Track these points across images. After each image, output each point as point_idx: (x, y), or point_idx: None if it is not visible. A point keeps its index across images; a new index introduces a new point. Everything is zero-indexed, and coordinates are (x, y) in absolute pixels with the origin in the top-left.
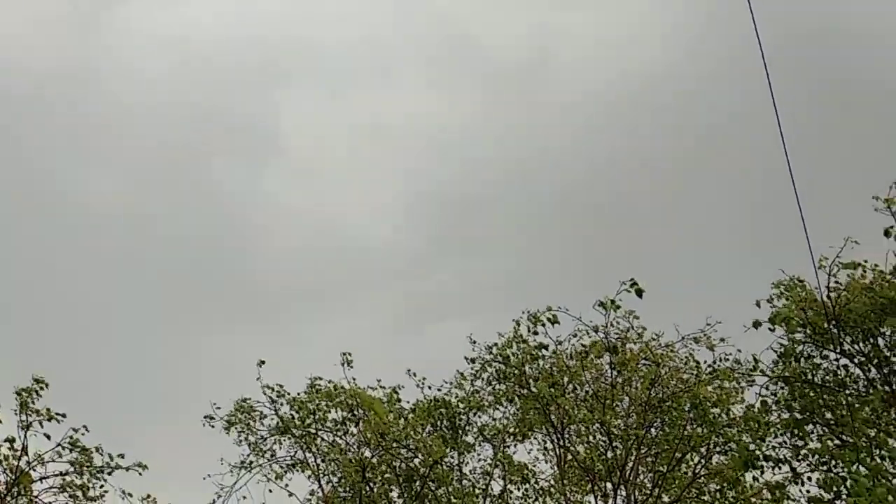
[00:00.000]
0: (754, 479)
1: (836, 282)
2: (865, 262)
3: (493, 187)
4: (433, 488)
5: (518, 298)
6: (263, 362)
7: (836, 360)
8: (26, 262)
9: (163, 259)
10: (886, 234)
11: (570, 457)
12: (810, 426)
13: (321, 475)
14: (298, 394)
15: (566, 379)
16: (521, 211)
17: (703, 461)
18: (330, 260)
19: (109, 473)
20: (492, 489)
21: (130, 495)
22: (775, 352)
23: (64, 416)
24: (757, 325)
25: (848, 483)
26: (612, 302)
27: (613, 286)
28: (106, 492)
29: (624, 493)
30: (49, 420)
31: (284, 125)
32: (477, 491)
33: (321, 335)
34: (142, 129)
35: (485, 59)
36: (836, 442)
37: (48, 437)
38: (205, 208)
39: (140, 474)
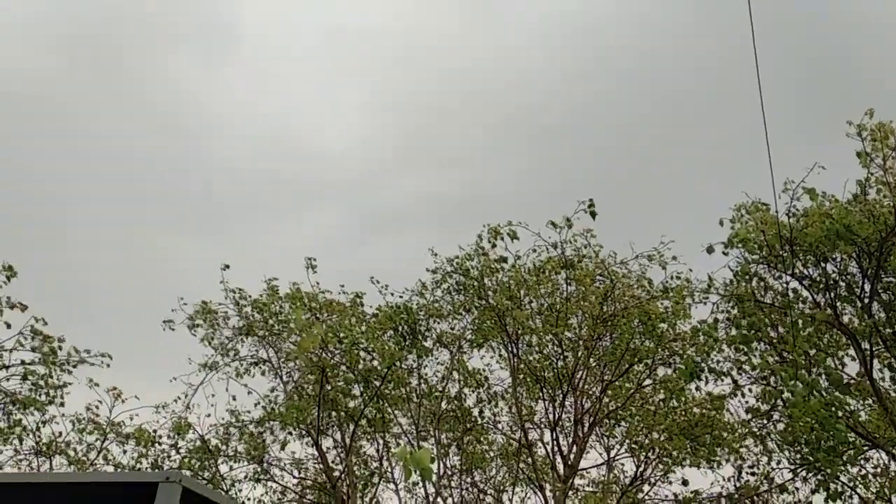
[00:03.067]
0: (697, 388)
1: (796, 208)
2: (824, 193)
3: (460, 100)
4: (391, 388)
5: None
6: (228, 266)
7: (787, 282)
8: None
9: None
10: (858, 155)
11: (522, 365)
12: (755, 343)
13: (284, 374)
14: (260, 295)
15: (523, 292)
16: (487, 126)
17: (648, 372)
18: (286, 164)
19: (74, 366)
20: (449, 391)
21: (97, 385)
22: (732, 270)
23: (26, 306)
24: (710, 250)
25: (785, 395)
26: (568, 221)
27: (574, 205)
28: (69, 383)
29: (572, 400)
30: (11, 308)
31: (247, 17)
32: (435, 393)
33: (274, 241)
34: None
35: None
36: (777, 358)
37: (8, 325)
38: (154, 99)
39: (108, 366)
